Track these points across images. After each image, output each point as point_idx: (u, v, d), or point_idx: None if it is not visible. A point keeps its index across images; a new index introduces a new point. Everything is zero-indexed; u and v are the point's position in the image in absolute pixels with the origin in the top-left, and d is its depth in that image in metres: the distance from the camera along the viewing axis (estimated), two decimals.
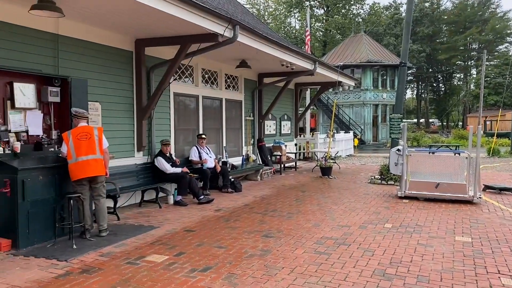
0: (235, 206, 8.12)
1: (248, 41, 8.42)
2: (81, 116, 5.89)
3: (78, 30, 6.96)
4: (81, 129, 5.81)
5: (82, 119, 5.90)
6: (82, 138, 5.75)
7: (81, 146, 5.71)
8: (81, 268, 4.65)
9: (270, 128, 14.82)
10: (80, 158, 5.69)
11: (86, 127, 5.90)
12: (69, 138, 5.69)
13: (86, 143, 5.76)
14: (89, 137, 5.81)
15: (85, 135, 5.78)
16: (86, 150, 5.74)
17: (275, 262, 4.86)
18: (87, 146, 5.76)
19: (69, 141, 5.67)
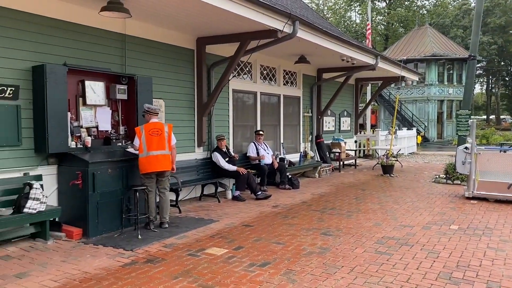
0: (292, 203, 8.10)
1: (308, 36, 8.33)
2: (153, 112, 6.15)
3: (144, 29, 7.25)
4: (153, 125, 6.07)
5: (154, 115, 6.15)
6: (154, 134, 6.00)
7: (152, 142, 5.96)
8: (145, 258, 4.85)
9: (329, 124, 14.61)
10: (150, 152, 5.94)
11: (158, 123, 6.16)
12: (142, 132, 5.96)
13: (157, 139, 6.01)
14: (160, 133, 6.05)
15: (156, 131, 6.03)
16: (156, 145, 5.99)
17: (334, 260, 4.79)
18: (158, 142, 6.01)
19: (141, 136, 5.94)
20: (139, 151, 5.98)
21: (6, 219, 4.92)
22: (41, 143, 5.64)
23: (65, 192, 5.90)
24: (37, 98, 5.63)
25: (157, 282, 4.12)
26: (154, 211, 6.19)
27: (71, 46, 6.14)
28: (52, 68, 5.57)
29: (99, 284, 4.06)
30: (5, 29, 5.37)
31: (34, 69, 5.62)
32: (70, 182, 5.71)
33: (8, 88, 5.37)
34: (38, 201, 5.20)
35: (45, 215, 5.32)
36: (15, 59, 5.47)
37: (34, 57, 5.67)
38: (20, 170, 5.59)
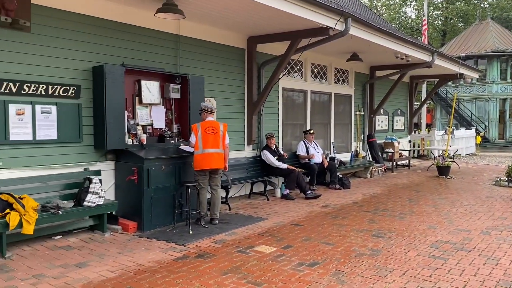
0: (343, 203, 7.98)
1: (360, 33, 8.16)
2: (210, 110, 6.28)
3: (197, 30, 7.41)
4: (210, 124, 6.21)
5: (210, 114, 6.29)
6: (210, 132, 6.14)
7: (208, 139, 6.10)
8: (196, 252, 4.98)
9: (381, 123, 14.23)
10: (206, 150, 6.08)
11: (214, 122, 6.29)
12: (199, 130, 6.10)
13: (213, 137, 6.15)
14: (215, 131, 6.19)
15: (212, 130, 6.17)
16: (212, 143, 6.12)
17: (386, 263, 4.67)
18: (213, 140, 6.14)
19: (198, 133, 6.08)
20: (195, 148, 6.12)
21: (68, 211, 5.22)
22: (100, 140, 5.93)
23: (121, 187, 6.18)
24: (96, 97, 5.93)
25: (207, 277, 4.21)
26: (205, 207, 6.33)
27: (128, 47, 6.40)
28: (111, 68, 5.84)
29: (153, 276, 4.21)
30: (68, 32, 5.69)
31: (94, 70, 5.92)
32: (127, 177, 5.97)
33: (70, 88, 5.69)
34: (97, 195, 5.48)
35: (103, 209, 5.59)
36: (77, 60, 5.79)
37: (94, 58, 5.97)
38: (81, 165, 5.91)
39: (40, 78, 5.41)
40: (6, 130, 5.12)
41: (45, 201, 5.31)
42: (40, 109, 5.44)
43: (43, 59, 5.45)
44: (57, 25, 5.56)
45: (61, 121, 5.64)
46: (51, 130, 5.56)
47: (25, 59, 5.28)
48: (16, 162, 5.26)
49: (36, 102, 5.39)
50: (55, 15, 5.53)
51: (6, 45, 5.11)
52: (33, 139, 5.39)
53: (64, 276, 4.19)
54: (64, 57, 5.66)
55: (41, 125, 5.45)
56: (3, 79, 5.05)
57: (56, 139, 5.61)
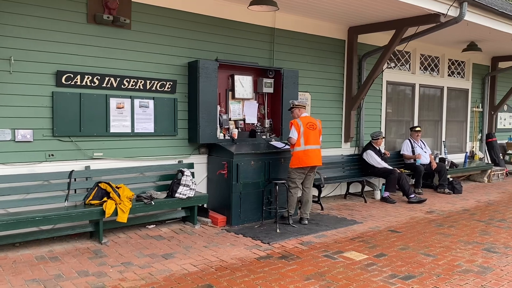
0: (451, 210, 7.13)
1: (478, 19, 7.17)
2: (302, 105, 6.06)
3: (292, 22, 7.18)
4: (309, 119, 6.00)
5: (304, 109, 6.07)
6: (311, 128, 5.92)
7: (309, 135, 5.88)
8: (280, 253, 4.77)
9: (504, 121, 12.55)
10: (308, 146, 5.86)
11: (311, 118, 6.10)
12: (301, 126, 5.88)
13: (313, 133, 5.93)
14: (315, 127, 5.97)
15: (312, 125, 5.95)
16: (313, 140, 5.90)
17: (497, 284, 3.97)
18: (314, 136, 5.93)
19: (300, 129, 5.87)
20: (296, 144, 5.87)
21: (160, 202, 5.39)
22: (194, 134, 6.03)
23: (213, 180, 6.23)
24: (191, 92, 6.04)
25: (288, 281, 3.98)
26: (296, 206, 6.09)
27: (222, 41, 6.41)
28: (205, 63, 5.89)
29: (232, 275, 4.10)
30: (165, 28, 5.87)
31: (189, 65, 6.03)
32: (217, 171, 5.99)
33: (167, 83, 5.87)
34: (188, 188, 5.57)
35: (193, 201, 5.68)
36: (173, 55, 5.95)
37: (189, 53, 6.08)
38: (175, 157, 6.08)
39: (138, 73, 5.66)
40: (107, 122, 5.45)
41: (141, 191, 5.55)
42: (138, 103, 5.69)
43: (142, 55, 5.68)
44: (155, 21, 5.76)
45: (158, 115, 5.85)
46: (148, 123, 5.79)
47: (125, 55, 5.55)
48: (115, 153, 5.57)
49: (135, 97, 5.66)
50: (152, 12, 5.73)
51: (108, 42, 5.42)
52: (131, 132, 5.66)
53: (150, 266, 4.29)
54: (161, 53, 5.85)
55: (139, 119, 5.71)
56: (105, 75, 5.36)
57: (152, 132, 5.84)
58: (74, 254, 4.63)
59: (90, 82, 5.28)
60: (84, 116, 5.29)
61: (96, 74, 5.30)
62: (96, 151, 5.43)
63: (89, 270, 4.17)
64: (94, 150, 5.41)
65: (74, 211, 4.81)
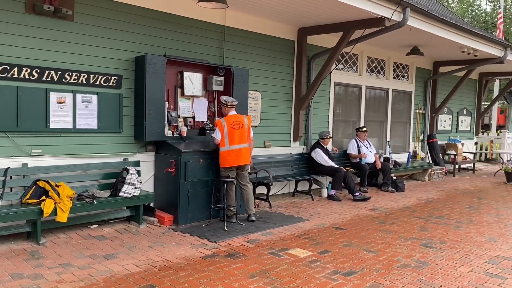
0: (394, 208, 7.42)
1: (420, 24, 7.51)
2: (231, 105, 6.00)
3: (243, 21, 7.18)
4: (234, 118, 5.94)
5: (232, 108, 6.01)
6: (236, 127, 5.88)
7: (234, 135, 5.84)
8: (227, 251, 4.76)
9: (444, 123, 13.25)
10: (233, 146, 5.83)
11: (238, 116, 6.02)
12: (224, 126, 5.85)
13: (239, 132, 5.88)
14: (241, 126, 5.92)
15: (238, 124, 5.90)
16: (239, 139, 5.86)
17: (432, 277, 4.18)
18: (240, 135, 5.88)
19: (224, 129, 5.84)
20: (220, 144, 5.84)
21: (103, 201, 5.22)
22: (140, 131, 5.89)
23: (160, 179, 6.11)
24: (138, 87, 5.89)
25: (233, 279, 3.97)
26: (236, 204, 6.06)
27: (172, 37, 6.31)
28: (152, 58, 5.76)
29: (176, 274, 4.04)
30: (111, 21, 5.68)
31: (136, 60, 5.87)
32: (164, 169, 5.89)
33: (112, 78, 5.68)
34: (133, 186, 5.43)
35: (139, 200, 5.54)
36: (119, 49, 5.77)
37: (137, 48, 5.93)
38: (120, 155, 5.91)
39: (81, 67, 5.44)
40: (47, 118, 5.20)
41: (83, 190, 5.34)
42: (81, 98, 5.47)
43: (85, 48, 5.47)
44: (100, 14, 5.56)
45: (102, 110, 5.65)
46: (92, 119, 5.58)
47: (67, 48, 5.32)
48: (56, 150, 5.33)
49: (77, 91, 5.43)
50: (97, 4, 5.53)
51: (49, 33, 5.16)
52: (73, 128, 5.43)
53: (90, 267, 4.14)
54: (106, 46, 5.65)
55: (81, 114, 5.49)
56: (45, 68, 5.11)
57: (96, 129, 5.63)
58: (8, 256, 4.38)
59: (29, 75, 5.01)
60: (22, 111, 5.01)
61: (35, 67, 5.04)
62: (35, 147, 5.16)
63: (24, 273, 3.96)
64: (32, 147, 5.14)
65: (9, 211, 4.56)
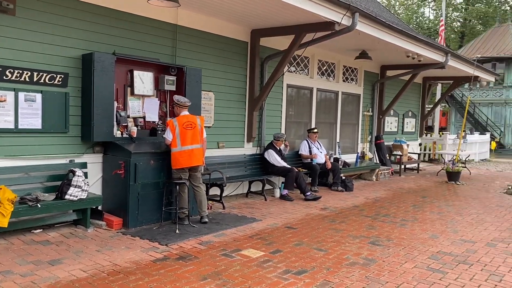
0: (343, 207, 7.63)
1: (368, 29, 7.78)
2: (183, 105, 5.93)
3: (196, 20, 7.12)
4: (186, 118, 5.88)
5: (184, 108, 5.94)
6: (188, 127, 5.82)
7: (186, 135, 5.77)
8: (178, 254, 4.69)
9: (391, 125, 13.80)
10: (185, 147, 5.76)
11: (190, 116, 5.96)
12: (176, 126, 5.77)
13: (191, 132, 5.82)
14: (193, 126, 5.87)
15: (190, 125, 5.84)
16: (191, 139, 5.80)
17: (379, 274, 4.33)
18: (192, 136, 5.82)
19: (175, 130, 5.75)
20: (172, 145, 5.76)
21: (47, 205, 4.98)
22: (87, 131, 5.68)
23: (108, 181, 5.93)
24: (85, 86, 5.69)
25: (184, 282, 3.92)
26: (188, 206, 6.00)
27: (122, 35, 6.14)
28: (100, 56, 5.58)
29: (126, 279, 3.94)
30: (56, 17, 5.44)
31: (84, 57, 5.67)
32: (113, 171, 5.72)
33: (57, 76, 5.45)
34: (80, 189, 5.24)
35: (86, 203, 5.34)
36: (65, 46, 5.54)
37: (84, 45, 5.72)
38: (66, 156, 5.67)
39: (24, 64, 5.17)
40: None
41: (25, 193, 5.08)
42: (23, 97, 5.20)
43: (28, 44, 5.20)
44: (45, 9, 5.32)
45: (46, 110, 5.40)
46: (35, 119, 5.32)
47: (8, 43, 5.04)
48: None
49: (19, 89, 5.16)
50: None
51: None
52: (15, 128, 5.15)
53: (33, 274, 3.94)
54: (52, 43, 5.41)
55: (24, 114, 5.22)
56: None
57: (40, 129, 5.37)
58: None
59: None
60: None
61: None
62: None
63: None
64: None
65: None
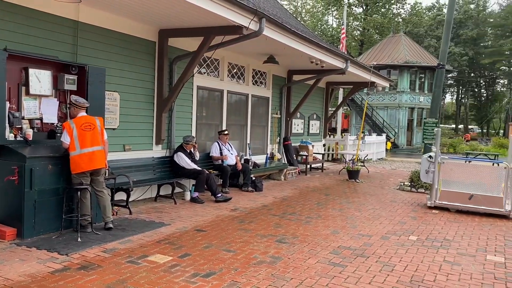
0: (252, 207, 7.81)
1: (275, 35, 8.05)
2: (82, 106, 5.65)
3: (100, 17, 6.80)
4: (85, 119, 5.59)
5: (82, 109, 5.66)
6: (87, 128, 5.54)
7: (85, 137, 5.49)
8: (80, 264, 4.45)
9: (297, 127, 14.41)
10: (85, 149, 5.47)
11: (88, 117, 5.68)
12: (73, 128, 5.45)
13: (91, 134, 5.55)
14: (93, 127, 5.60)
15: (89, 126, 5.57)
16: (91, 141, 5.53)
17: (284, 271, 4.51)
18: (92, 137, 5.55)
19: (73, 132, 5.43)
20: (70, 149, 5.43)
21: None
22: None
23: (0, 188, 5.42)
24: None
25: None
26: (91, 212, 5.72)
27: (15, 30, 5.66)
28: None
29: None
30: None
31: None
32: (5, 177, 5.24)
33: None
34: None
35: None
36: None
37: None
38: None
39: None
40: None
41: None
42: None
43: None
44: None
45: None
46: None
47: None
48: None
49: None
50: None
51: None
52: None
53: None
54: None
55: None
56: None
57: None
58: None
59: None
60: None
61: None
62: None
63: None
64: None
65: None
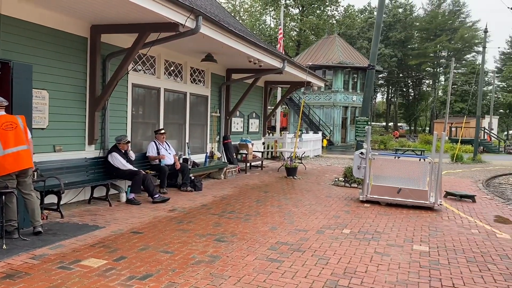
0: (191, 206, 7.74)
1: (212, 33, 8.03)
2: (1, 105, 5.29)
3: (23, 11, 6.40)
4: (5, 118, 5.25)
5: (1, 109, 5.30)
6: (8, 128, 5.20)
7: (8, 137, 5.16)
8: (5, 273, 4.18)
9: (237, 125, 14.48)
10: (9, 150, 5.14)
11: (9, 116, 5.34)
12: None
13: (14, 133, 5.22)
14: (15, 126, 5.27)
15: (10, 125, 5.24)
16: (15, 141, 5.21)
17: (223, 270, 4.53)
18: (15, 137, 5.22)
19: None
20: None
21: None
22: None
23: None
24: None
25: None
26: (18, 217, 5.38)
27: None
28: None
29: None
30: None
31: None
32: None
33: None
34: None
35: None
36: None
37: None
38: None
39: None
40: None
41: None
42: None
43: None
44: None
45: None
46: None
47: None
48: None
49: None
50: None
51: None
52: None
53: None
54: None
55: None
56: None
57: None
58: None
59: None
60: None
61: None
62: None
63: None
64: None
65: None
